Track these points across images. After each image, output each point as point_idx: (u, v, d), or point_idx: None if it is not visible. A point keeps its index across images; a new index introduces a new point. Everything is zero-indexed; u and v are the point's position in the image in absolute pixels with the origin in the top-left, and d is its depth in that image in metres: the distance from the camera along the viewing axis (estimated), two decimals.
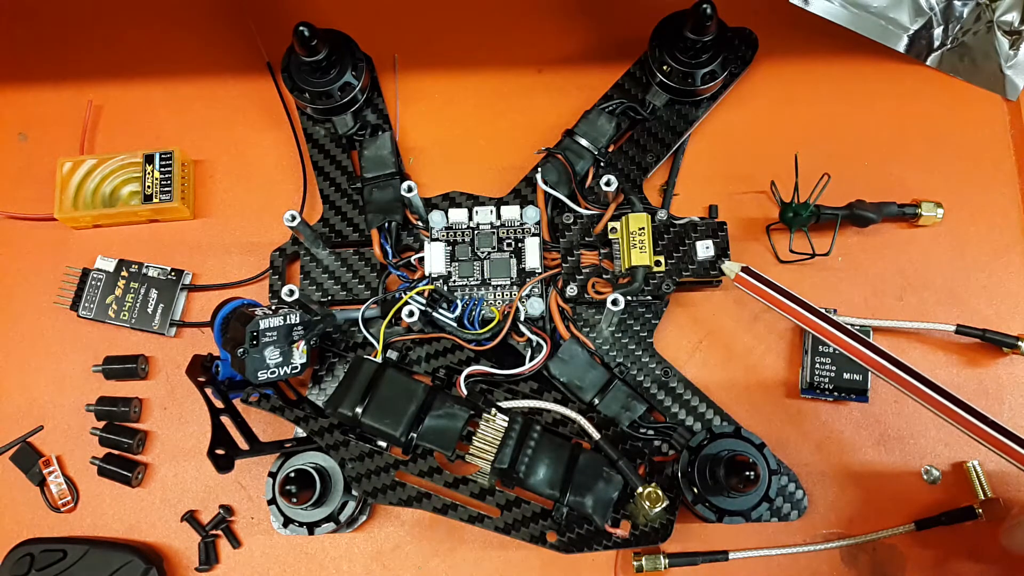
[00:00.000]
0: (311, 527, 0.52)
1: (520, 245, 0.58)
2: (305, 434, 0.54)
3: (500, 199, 0.60)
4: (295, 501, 0.50)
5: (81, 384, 0.60)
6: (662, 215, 0.57)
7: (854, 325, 0.56)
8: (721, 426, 0.52)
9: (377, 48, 0.64)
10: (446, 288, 0.57)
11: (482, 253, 0.58)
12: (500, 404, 0.52)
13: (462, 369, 0.54)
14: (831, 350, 0.56)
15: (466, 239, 0.59)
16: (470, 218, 0.59)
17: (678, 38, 0.57)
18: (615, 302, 0.53)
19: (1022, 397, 0.57)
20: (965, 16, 0.62)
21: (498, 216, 0.59)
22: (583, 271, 0.57)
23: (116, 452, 0.58)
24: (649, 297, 0.57)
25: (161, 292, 0.60)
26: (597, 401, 0.55)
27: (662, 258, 0.56)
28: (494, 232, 0.59)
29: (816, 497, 0.56)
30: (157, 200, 0.60)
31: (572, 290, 0.57)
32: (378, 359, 0.54)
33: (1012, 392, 0.57)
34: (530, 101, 0.65)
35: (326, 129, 0.63)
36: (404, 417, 0.49)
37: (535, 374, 0.55)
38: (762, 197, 0.62)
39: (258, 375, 0.50)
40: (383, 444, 0.53)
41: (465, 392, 0.53)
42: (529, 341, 0.56)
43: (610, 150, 0.60)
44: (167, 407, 0.59)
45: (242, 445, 0.53)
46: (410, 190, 0.57)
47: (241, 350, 0.50)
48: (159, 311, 0.60)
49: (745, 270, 0.52)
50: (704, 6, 0.54)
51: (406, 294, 0.55)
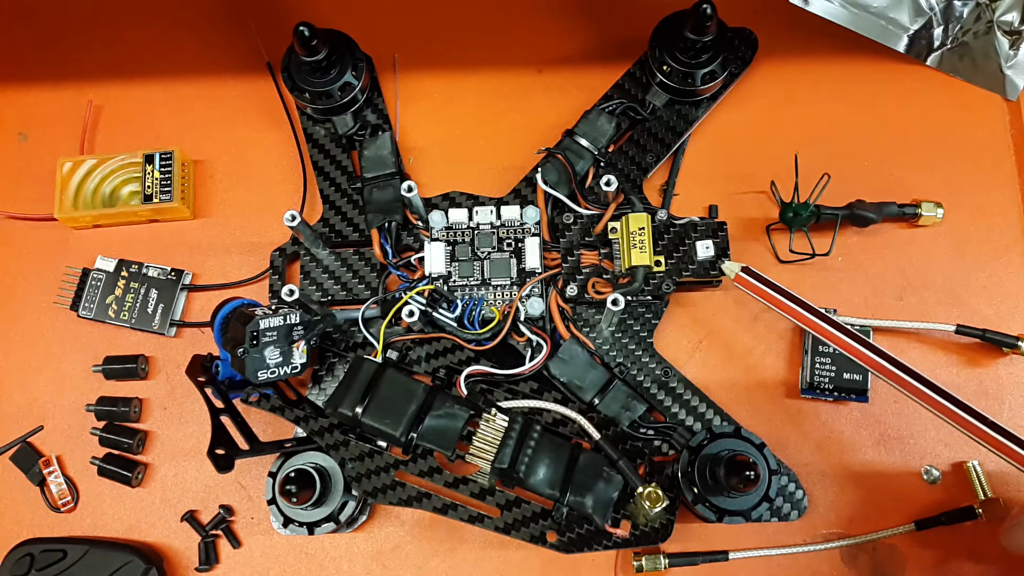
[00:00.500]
0: (311, 527, 0.52)
1: (520, 245, 0.58)
2: (305, 434, 0.54)
3: (500, 199, 0.60)
4: (295, 501, 0.50)
5: (81, 384, 0.60)
6: (662, 215, 0.57)
7: (854, 325, 0.56)
8: (721, 426, 0.52)
9: (377, 48, 0.64)
10: (446, 288, 0.57)
11: (482, 253, 0.58)
12: (500, 404, 0.52)
13: (462, 369, 0.54)
14: (831, 350, 0.56)
15: (466, 239, 0.59)
16: (470, 218, 0.59)
17: (678, 38, 0.58)
18: (615, 302, 0.53)
19: (1022, 397, 0.57)
20: (965, 16, 0.62)
21: (498, 216, 0.59)
22: (583, 271, 0.57)
23: (116, 452, 0.58)
24: (649, 297, 0.57)
25: (161, 292, 0.60)
26: (597, 401, 0.55)
27: (662, 258, 0.56)
28: (494, 232, 0.59)
29: (816, 497, 0.56)
30: (157, 200, 0.60)
31: (572, 290, 0.57)
32: (378, 359, 0.54)
33: (1012, 392, 0.57)
34: (530, 101, 0.64)
35: (326, 129, 0.62)
36: (404, 417, 0.49)
37: (535, 374, 0.55)
38: (762, 197, 0.62)
39: (258, 375, 0.50)
40: (383, 444, 0.53)
41: (465, 392, 0.53)
42: (529, 341, 0.56)
43: (610, 150, 0.60)
44: (167, 407, 0.59)
45: (242, 445, 0.53)
46: (410, 190, 0.57)
47: (241, 350, 0.50)
48: (159, 311, 0.60)
49: (745, 270, 0.52)
50: (704, 6, 0.54)
51: (406, 294, 0.55)
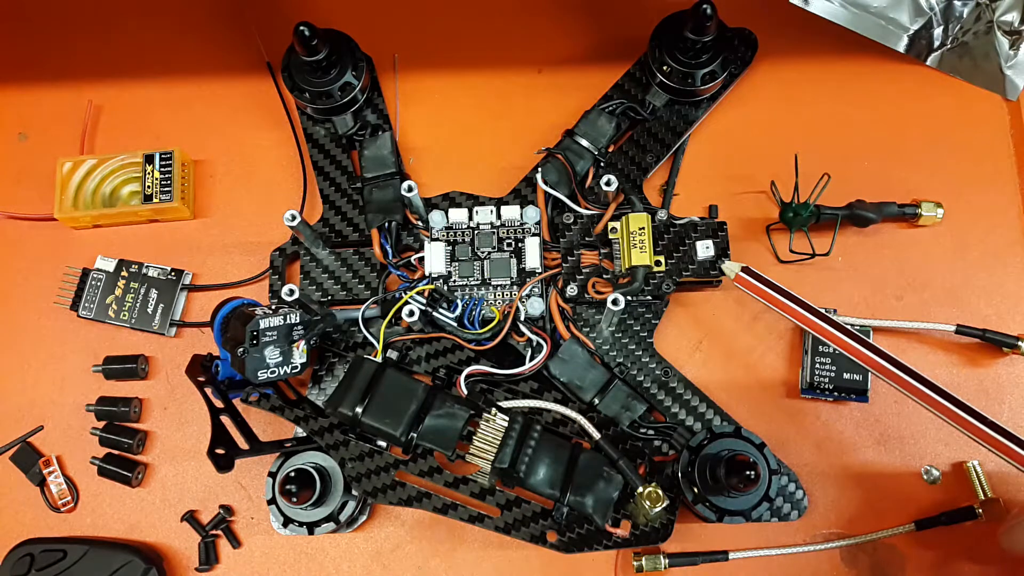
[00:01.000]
0: (311, 527, 0.52)
1: (520, 245, 0.58)
2: (305, 434, 0.54)
3: (500, 199, 0.60)
4: (295, 501, 0.50)
5: (81, 384, 0.60)
6: (662, 215, 0.57)
7: (854, 325, 0.56)
8: (721, 426, 0.52)
9: (377, 48, 0.64)
10: (446, 288, 0.57)
11: (482, 253, 0.58)
12: (500, 404, 0.52)
13: (462, 369, 0.54)
14: (831, 350, 0.56)
15: (466, 239, 0.59)
16: (470, 218, 0.59)
17: (678, 38, 0.57)
18: (615, 302, 0.53)
19: (1022, 397, 0.57)
20: (965, 16, 0.62)
21: (498, 216, 0.59)
22: (583, 271, 0.57)
23: (116, 452, 0.58)
24: (649, 297, 0.57)
25: (161, 292, 0.60)
26: (597, 401, 0.55)
27: (662, 258, 0.56)
28: (494, 232, 0.59)
29: (816, 497, 0.56)
30: (157, 200, 0.60)
31: (572, 290, 0.57)
32: (378, 359, 0.54)
33: (1012, 392, 0.57)
34: (530, 101, 0.64)
35: (326, 129, 0.62)
36: (404, 417, 0.49)
37: (535, 374, 0.55)
38: (762, 197, 0.62)
39: (258, 375, 0.50)
40: (383, 444, 0.53)
41: (465, 392, 0.53)
42: (529, 341, 0.56)
43: (610, 150, 0.60)
44: (167, 407, 0.59)
45: (242, 445, 0.53)
46: (410, 190, 0.57)
47: (241, 350, 0.50)
48: (159, 311, 0.60)
49: (745, 270, 0.52)
50: (704, 6, 0.54)
51: (406, 294, 0.55)
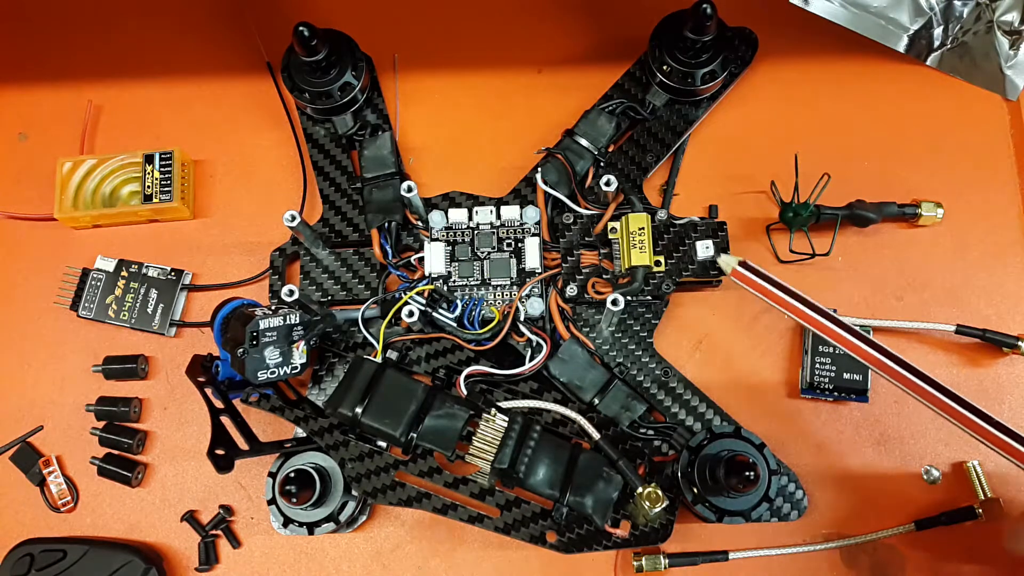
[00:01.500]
0: (311, 527, 0.52)
1: (520, 245, 0.58)
2: (305, 434, 0.54)
3: (500, 199, 0.60)
4: (295, 501, 0.50)
5: (81, 384, 0.60)
6: (662, 215, 0.57)
7: (854, 325, 0.56)
8: (721, 426, 0.52)
9: (377, 48, 0.64)
10: (446, 288, 0.57)
11: (482, 253, 0.58)
12: (500, 404, 0.52)
13: (462, 369, 0.54)
14: (831, 350, 0.56)
15: (466, 239, 0.59)
16: (470, 218, 0.59)
17: (678, 38, 0.57)
18: (615, 302, 0.53)
19: (1022, 397, 0.57)
20: (965, 16, 0.62)
21: (498, 216, 0.59)
22: (583, 271, 0.57)
23: (116, 452, 0.58)
24: (649, 297, 0.57)
25: (161, 292, 0.60)
26: (597, 401, 0.55)
27: (662, 258, 0.56)
28: (494, 232, 0.59)
29: (816, 497, 0.56)
30: (157, 200, 0.60)
31: (572, 290, 0.57)
32: (378, 359, 0.54)
33: (1012, 392, 0.57)
34: (530, 101, 0.64)
35: (326, 129, 0.62)
36: (404, 417, 0.49)
37: (535, 374, 0.55)
38: (762, 197, 0.62)
39: (258, 375, 0.50)
40: (383, 444, 0.53)
41: (465, 392, 0.53)
42: (529, 341, 0.56)
43: (610, 150, 0.60)
44: (167, 407, 0.59)
45: (242, 445, 0.52)
46: (410, 190, 0.57)
47: (241, 350, 0.50)
48: (159, 311, 0.60)
49: (743, 264, 0.52)
50: (704, 6, 0.54)
51: (406, 294, 0.55)
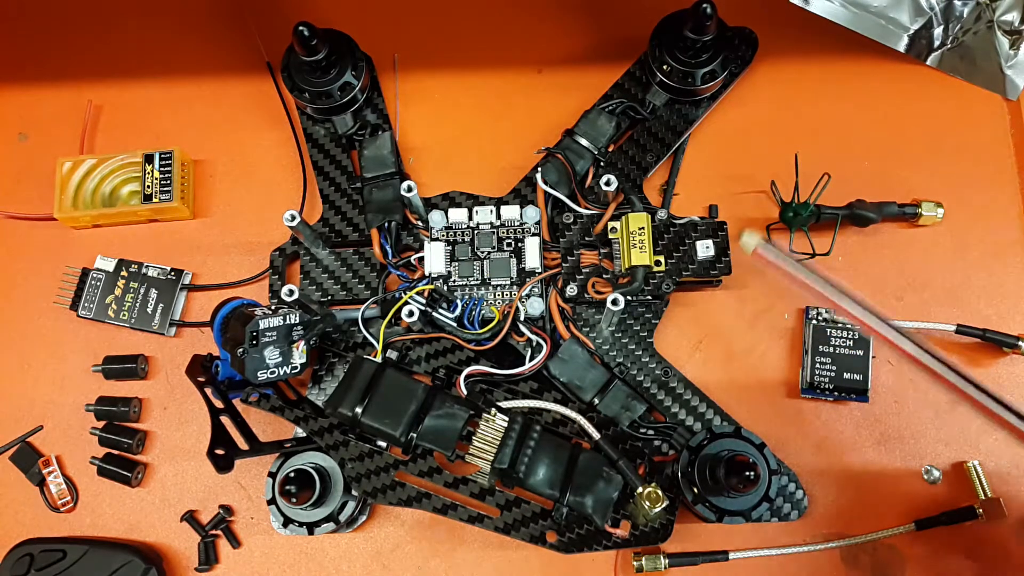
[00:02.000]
0: (311, 527, 0.52)
1: (520, 245, 0.58)
2: (305, 434, 0.54)
3: (500, 199, 0.60)
4: (295, 501, 0.50)
5: (81, 384, 0.60)
6: (662, 215, 0.57)
7: (854, 325, 0.56)
8: (721, 426, 0.52)
9: (377, 48, 0.63)
10: (446, 288, 0.57)
11: (482, 253, 0.58)
12: (500, 404, 0.52)
13: (462, 369, 0.54)
14: (831, 350, 0.56)
15: (466, 239, 0.58)
16: (470, 218, 0.59)
17: (678, 38, 0.57)
18: (615, 302, 0.53)
19: (1022, 397, 0.57)
20: (965, 16, 0.62)
21: (498, 216, 0.59)
22: (583, 271, 0.57)
23: (116, 452, 0.58)
24: (649, 297, 0.57)
25: (161, 292, 0.60)
26: (597, 401, 0.55)
27: (662, 258, 0.56)
28: (494, 232, 0.59)
29: (816, 497, 0.56)
30: (157, 200, 0.60)
31: (572, 290, 0.57)
32: (378, 359, 0.54)
33: (1012, 392, 0.57)
34: (530, 101, 0.64)
35: (326, 129, 0.62)
36: (404, 417, 0.49)
37: (535, 374, 0.55)
38: (762, 197, 0.62)
39: (258, 375, 0.50)
40: (383, 444, 0.53)
41: (465, 392, 0.53)
42: (529, 341, 0.56)
43: (610, 150, 0.60)
44: (167, 407, 0.59)
45: (242, 445, 0.52)
46: (410, 190, 0.57)
47: (241, 350, 0.50)
48: (159, 311, 0.60)
49: (764, 246, 0.50)
50: (704, 6, 0.54)
51: (406, 294, 0.55)
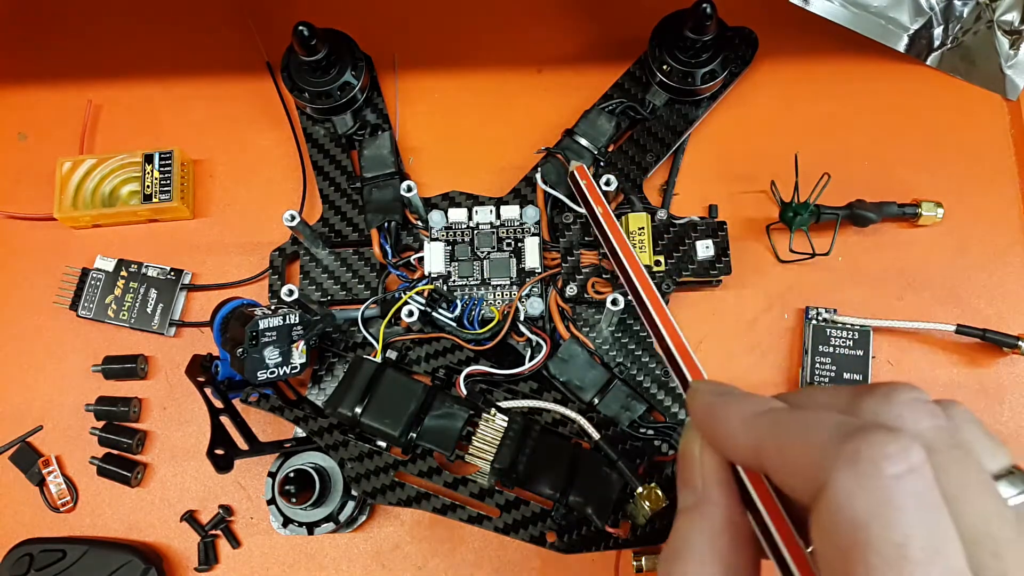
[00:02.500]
0: (310, 527, 0.52)
1: (520, 245, 0.58)
2: (305, 434, 0.54)
3: (500, 199, 0.60)
4: (294, 501, 0.50)
5: (81, 384, 0.60)
6: (662, 215, 0.57)
7: (854, 325, 0.56)
8: None
9: (377, 48, 0.63)
10: (446, 288, 0.57)
11: (482, 253, 0.58)
12: (500, 404, 0.52)
13: (462, 369, 0.54)
14: (831, 350, 0.56)
15: (466, 239, 0.58)
16: (470, 218, 0.59)
17: (678, 37, 0.57)
18: (615, 302, 0.52)
19: (1022, 397, 0.57)
20: (965, 16, 0.62)
21: (498, 216, 0.59)
22: (583, 271, 0.57)
23: (115, 452, 0.58)
24: None
25: (161, 292, 0.60)
26: (597, 401, 0.55)
27: (662, 258, 0.56)
28: (494, 232, 0.59)
29: None
30: (157, 200, 0.60)
31: (572, 290, 0.57)
32: (378, 359, 0.54)
33: (1012, 392, 0.57)
34: (530, 101, 0.64)
35: (326, 129, 0.62)
36: (404, 417, 0.49)
37: (535, 374, 0.55)
38: (762, 197, 0.62)
39: (257, 375, 0.50)
40: (383, 444, 0.53)
41: (465, 392, 0.53)
42: (529, 341, 0.56)
43: (610, 150, 0.60)
44: (167, 407, 0.59)
45: (241, 445, 0.52)
46: (410, 190, 0.57)
47: (240, 350, 0.50)
48: (159, 311, 0.60)
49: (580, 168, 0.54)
50: (704, 5, 0.54)
51: (406, 294, 0.55)
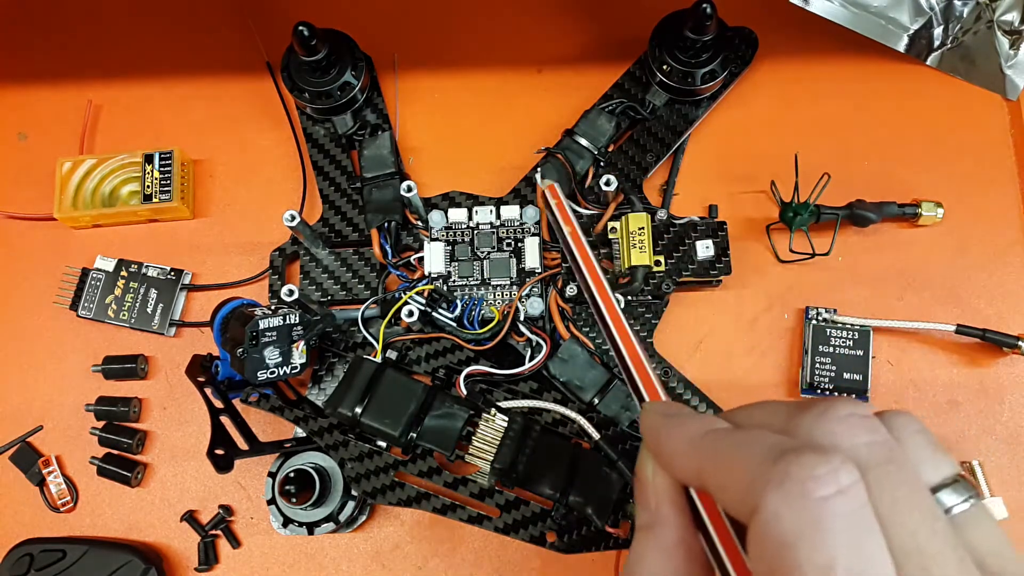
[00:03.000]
0: (311, 527, 0.52)
1: (520, 245, 0.58)
2: (305, 434, 0.54)
3: (500, 199, 0.60)
4: (295, 501, 0.50)
5: (81, 384, 0.60)
6: (662, 215, 0.57)
7: (854, 325, 0.56)
8: None
9: (377, 48, 0.63)
10: (446, 288, 0.57)
11: (482, 253, 0.58)
12: (500, 404, 0.52)
13: (462, 369, 0.54)
14: (831, 350, 0.56)
15: (466, 239, 0.58)
16: (470, 218, 0.59)
17: (678, 37, 0.57)
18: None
19: (1022, 397, 0.57)
20: (965, 16, 0.62)
21: (498, 216, 0.59)
22: None
23: (116, 452, 0.58)
24: (649, 297, 0.57)
25: (161, 292, 0.60)
26: (597, 401, 0.55)
27: (662, 258, 0.56)
28: (494, 232, 0.59)
29: None
30: (157, 200, 0.60)
31: (572, 290, 0.57)
32: (378, 359, 0.54)
33: (1012, 392, 0.57)
34: (530, 101, 0.64)
35: (326, 129, 0.62)
36: (404, 417, 0.49)
37: (535, 374, 0.55)
38: (762, 197, 0.62)
39: (257, 375, 0.50)
40: (383, 444, 0.53)
41: (465, 392, 0.53)
42: (529, 341, 0.56)
43: (610, 150, 0.60)
44: (167, 407, 0.59)
45: (242, 445, 0.52)
46: (410, 190, 0.57)
47: (241, 350, 0.50)
48: (159, 311, 0.60)
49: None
50: (704, 5, 0.54)
51: (406, 294, 0.55)
